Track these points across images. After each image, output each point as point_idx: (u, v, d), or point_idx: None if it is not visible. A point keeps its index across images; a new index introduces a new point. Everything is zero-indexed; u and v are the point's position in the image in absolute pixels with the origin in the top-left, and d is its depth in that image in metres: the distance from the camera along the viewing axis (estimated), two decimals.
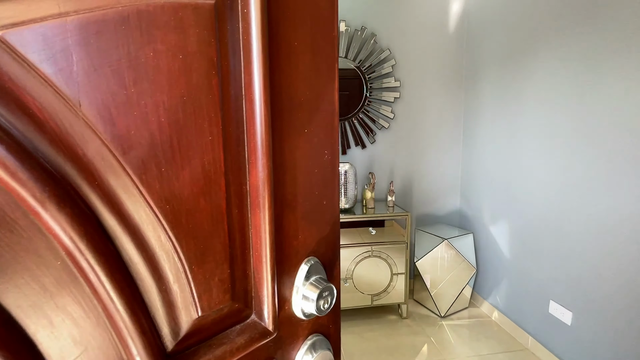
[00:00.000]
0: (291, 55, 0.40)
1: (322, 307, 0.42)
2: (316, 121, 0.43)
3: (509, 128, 2.06)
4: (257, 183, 0.38)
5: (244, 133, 0.37)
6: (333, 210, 0.46)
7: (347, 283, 2.13)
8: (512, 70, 2.01)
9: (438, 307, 2.27)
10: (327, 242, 0.46)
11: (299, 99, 0.41)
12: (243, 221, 0.38)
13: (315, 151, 0.43)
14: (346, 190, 2.18)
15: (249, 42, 0.35)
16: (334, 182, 0.45)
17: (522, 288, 2.00)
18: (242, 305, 0.39)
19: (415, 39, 2.42)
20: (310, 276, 0.43)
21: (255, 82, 0.36)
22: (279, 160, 0.40)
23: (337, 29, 0.44)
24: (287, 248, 0.42)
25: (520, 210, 1.99)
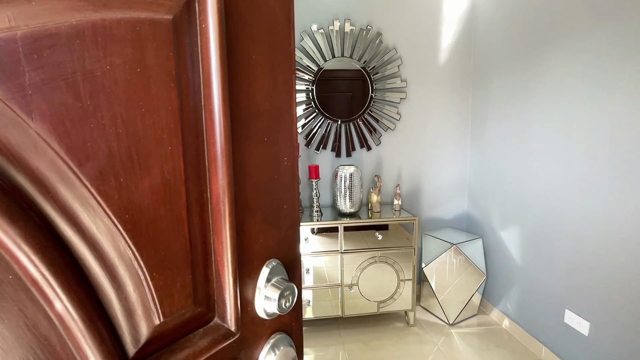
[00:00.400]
0: (250, 68, 0.41)
1: (284, 305, 0.45)
2: (275, 130, 0.45)
3: (519, 129, 1.99)
4: (218, 190, 0.39)
5: (204, 142, 0.38)
6: (293, 214, 0.48)
7: (352, 289, 2.08)
8: (523, 70, 1.94)
9: (446, 314, 2.21)
10: (288, 244, 0.48)
11: (258, 110, 0.43)
12: (204, 227, 0.39)
13: (274, 158, 0.45)
14: (351, 194, 2.12)
15: (207, 55, 0.37)
16: (293, 187, 0.48)
17: (535, 295, 1.92)
18: (204, 308, 0.40)
19: (422, 38, 2.36)
20: (272, 277, 0.45)
21: (215, 94, 0.38)
22: (239, 168, 0.41)
23: (294, 43, 0.46)
24: (248, 252, 0.43)
25: (532, 215, 1.92)
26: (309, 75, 2.24)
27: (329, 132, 2.34)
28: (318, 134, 2.33)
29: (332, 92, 2.30)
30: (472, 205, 2.52)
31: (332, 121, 2.32)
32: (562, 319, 1.74)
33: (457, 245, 2.11)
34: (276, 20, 0.44)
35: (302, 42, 2.20)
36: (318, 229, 2.04)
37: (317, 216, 2.11)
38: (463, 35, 2.39)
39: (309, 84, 2.25)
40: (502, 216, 2.17)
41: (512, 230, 2.09)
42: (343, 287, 2.07)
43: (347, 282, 2.07)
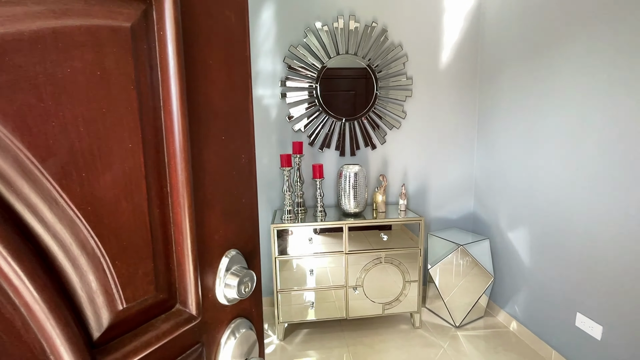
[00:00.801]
0: (207, 73, 0.45)
1: (243, 291, 0.49)
2: (233, 129, 0.49)
3: (529, 127, 1.95)
4: (178, 185, 0.42)
5: (164, 140, 0.41)
6: (252, 207, 0.53)
7: (357, 291, 2.08)
8: (533, 66, 1.90)
9: (452, 316, 2.20)
10: (246, 235, 0.52)
11: (215, 111, 0.47)
12: (165, 220, 0.42)
13: (232, 156, 0.49)
14: (356, 194, 2.09)
15: (165, 60, 0.40)
16: (251, 182, 0.52)
17: (544, 298, 1.89)
18: (166, 295, 0.43)
19: (428, 35, 2.33)
20: (231, 266, 0.49)
21: (173, 96, 0.41)
22: (198, 164, 0.45)
23: (249, 50, 0.51)
24: (208, 242, 0.47)
25: (541, 215, 1.88)
26: (312, 73, 2.24)
27: (332, 130, 2.34)
28: (322, 132, 2.33)
29: (336, 90, 2.30)
30: (479, 205, 2.50)
31: (336, 120, 2.32)
32: (573, 322, 1.71)
33: (464, 246, 2.10)
34: (232, 29, 0.48)
35: (306, 39, 2.19)
36: (321, 229, 2.03)
37: (321, 216, 2.11)
38: (470, 31, 2.38)
39: (313, 82, 2.25)
40: (510, 217, 2.15)
41: (520, 231, 2.06)
42: (347, 289, 2.07)
43: (352, 283, 2.07)
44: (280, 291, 2.02)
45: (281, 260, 1.99)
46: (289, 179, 2.08)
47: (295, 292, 2.04)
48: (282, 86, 2.24)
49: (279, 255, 1.98)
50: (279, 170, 2.33)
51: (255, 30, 2.17)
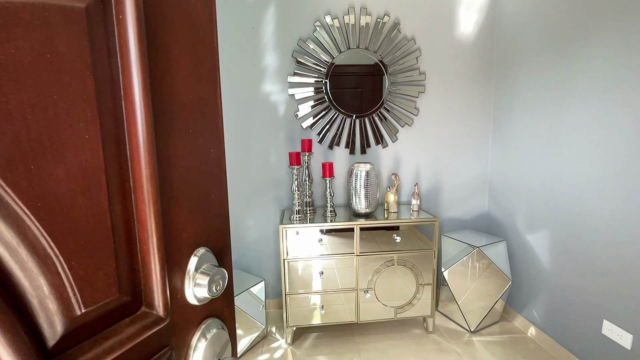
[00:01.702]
0: (172, 62, 0.42)
1: (214, 289, 0.46)
2: (200, 123, 0.46)
3: (550, 124, 1.87)
4: (141, 180, 0.40)
5: (125, 132, 0.39)
6: (222, 203, 0.50)
7: (368, 294, 2.02)
8: (554, 59, 1.82)
9: (467, 320, 2.13)
10: (217, 232, 0.49)
11: (182, 102, 0.44)
12: (128, 217, 0.40)
13: (200, 150, 0.46)
14: (367, 193, 2.03)
15: (126, 47, 0.38)
16: (221, 177, 0.49)
17: (566, 303, 1.81)
18: (130, 297, 0.41)
19: (442, 28, 2.25)
20: (201, 265, 0.46)
21: (135, 85, 0.38)
22: (163, 158, 0.42)
23: (217, 41, 0.48)
24: (176, 240, 0.44)
25: (563, 217, 1.80)
26: (322, 69, 2.20)
27: (342, 128, 2.30)
28: (331, 130, 2.29)
29: (347, 85, 2.25)
30: (494, 206, 2.42)
31: (346, 116, 2.28)
32: (599, 330, 1.62)
33: (480, 248, 2.03)
34: (197, 18, 0.45)
35: (316, 33, 2.16)
36: (331, 230, 1.98)
37: (331, 216, 2.06)
38: (485, 23, 2.30)
39: (322, 77, 2.21)
40: (528, 217, 2.07)
41: (539, 232, 1.98)
42: (358, 292, 2.02)
43: (363, 286, 2.02)
44: (289, 294, 1.98)
45: (290, 262, 1.95)
46: (298, 177, 2.05)
47: (305, 295, 2.00)
48: (290, 82, 2.21)
49: (288, 257, 1.95)
50: (287, 169, 2.30)
51: (263, 25, 2.15)
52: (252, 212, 2.30)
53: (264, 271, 2.37)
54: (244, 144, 2.23)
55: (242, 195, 2.27)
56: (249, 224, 2.31)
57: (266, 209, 2.31)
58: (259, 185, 2.28)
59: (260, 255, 2.35)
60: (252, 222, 2.31)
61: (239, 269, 2.32)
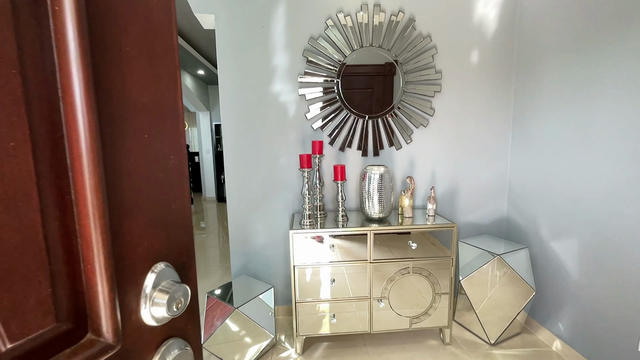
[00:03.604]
0: (122, 61, 0.38)
1: (174, 308, 0.42)
2: (158, 127, 0.41)
3: (578, 125, 1.76)
4: (85, 191, 0.35)
5: (64, 139, 0.34)
6: (184, 214, 0.45)
7: (382, 303, 1.94)
8: (582, 55, 1.72)
9: (487, 332, 2.02)
10: (179, 245, 0.45)
11: (136, 105, 0.39)
12: (68, 233, 0.35)
13: (158, 156, 0.42)
14: (381, 197, 1.95)
15: (64, 42, 0.33)
16: (182, 186, 0.44)
17: (596, 317, 1.70)
18: (72, 324, 0.36)
19: (459, 24, 2.17)
20: (160, 282, 0.42)
21: (75, 85, 0.34)
22: (114, 166, 0.38)
23: (176, 39, 0.43)
24: (130, 256, 0.40)
25: (592, 223, 1.69)
26: (333, 68, 2.15)
27: (354, 129, 2.24)
28: (343, 131, 2.24)
29: (357, 86, 2.19)
30: (514, 210, 2.31)
31: (358, 117, 2.22)
32: (634, 347, 1.51)
33: (501, 256, 1.93)
34: (153, 14, 0.41)
35: (327, 30, 2.11)
36: (341, 235, 1.91)
37: (343, 221, 1.99)
38: (506, 19, 2.20)
39: (334, 77, 2.16)
40: (553, 223, 1.95)
41: (565, 240, 1.87)
42: (372, 301, 1.95)
43: (376, 295, 1.94)
44: (298, 302, 1.92)
45: (300, 269, 1.90)
46: (309, 180, 2.00)
47: (315, 303, 1.94)
48: (300, 81, 2.17)
49: (298, 264, 1.90)
50: (297, 172, 2.26)
51: (273, 23, 2.11)
52: (260, 216, 2.27)
53: (272, 277, 2.33)
54: (252, 145, 2.20)
55: (250, 198, 2.24)
56: (257, 228, 2.28)
57: (275, 212, 2.27)
58: (268, 188, 2.25)
59: (269, 261, 2.32)
60: (260, 226, 2.28)
61: (247, 275, 2.29)
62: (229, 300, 1.84)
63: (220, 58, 2.10)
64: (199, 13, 2.04)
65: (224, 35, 2.08)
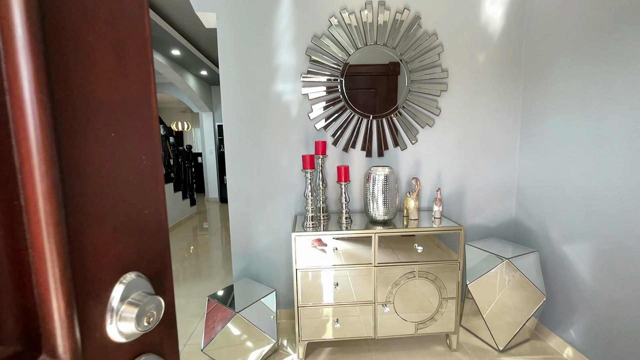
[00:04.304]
0: (84, 52, 0.34)
1: (145, 322, 0.38)
2: (127, 125, 0.37)
3: (592, 124, 1.69)
4: (36, 197, 0.31)
5: (11, 137, 0.31)
6: (158, 219, 0.41)
7: (387, 308, 1.90)
8: (595, 52, 1.65)
9: (495, 338, 1.96)
10: (152, 253, 0.41)
11: (100, 100, 0.36)
12: (16, 244, 0.32)
13: (128, 157, 0.38)
14: (386, 199, 1.90)
15: (9, 29, 0.30)
16: (156, 189, 0.40)
17: (611, 324, 1.63)
18: (22, 347, 0.32)
19: (466, 21, 2.12)
20: (129, 293, 0.38)
21: (23, 77, 0.30)
22: (73, 168, 0.34)
23: (149, 30, 0.39)
24: (93, 267, 0.36)
25: (609, 228, 1.62)
26: (337, 66, 2.11)
27: (358, 129, 2.19)
28: (347, 131, 2.19)
29: (360, 86, 2.14)
30: (522, 212, 2.25)
31: (362, 117, 2.17)
32: None
33: (510, 260, 1.88)
34: (121, 2, 0.37)
35: (331, 29, 2.07)
36: (343, 238, 1.85)
37: (346, 223, 1.95)
38: (514, 15, 2.14)
39: (338, 76, 2.11)
40: (564, 226, 1.89)
41: (577, 243, 1.81)
42: (376, 305, 1.90)
43: (381, 299, 1.89)
44: (301, 306, 1.88)
45: (302, 272, 1.85)
46: (312, 182, 1.96)
47: (318, 307, 1.89)
48: (303, 81, 2.13)
49: (300, 267, 1.85)
50: (299, 173, 2.22)
51: (276, 21, 2.08)
52: (262, 218, 2.23)
53: (274, 279, 2.30)
54: (254, 145, 2.17)
55: (252, 199, 2.21)
56: (259, 230, 2.24)
57: (278, 214, 2.23)
58: (270, 190, 2.21)
59: (271, 263, 2.28)
60: (262, 228, 2.24)
61: (249, 278, 2.26)
62: (230, 304, 1.81)
63: (222, 57, 2.08)
64: (200, 11, 2.01)
65: (225, 34, 2.05)
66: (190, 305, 2.62)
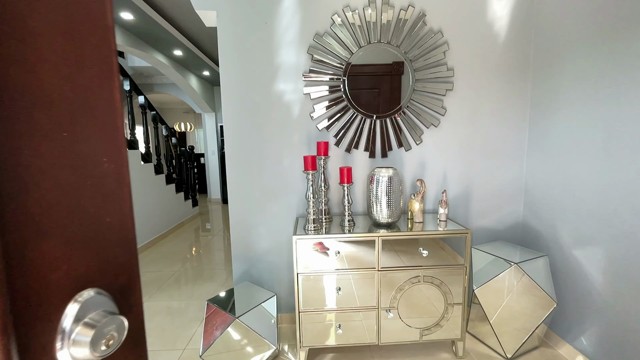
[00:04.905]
0: (26, 39, 0.30)
1: (103, 346, 0.34)
2: (84, 123, 0.33)
3: (605, 124, 1.63)
4: None
5: None
6: (123, 228, 0.37)
7: (390, 314, 1.85)
8: (610, 49, 1.58)
9: (503, 345, 1.90)
10: (116, 266, 0.36)
11: (49, 96, 0.31)
12: None
13: (84, 160, 0.33)
14: (390, 201, 1.85)
15: None
16: (121, 194, 0.36)
17: (627, 333, 1.57)
18: None
19: (472, 19, 2.07)
20: (86, 313, 0.34)
21: None
22: (11, 174, 0.30)
23: (111, 18, 0.35)
24: (39, 286, 0.32)
25: (621, 233, 1.57)
26: (340, 65, 2.06)
27: (361, 129, 2.14)
28: (349, 131, 2.14)
29: (363, 85, 2.09)
30: (530, 215, 2.18)
31: (365, 117, 2.12)
32: None
33: (519, 265, 1.82)
34: None
35: (333, 27, 2.02)
36: (346, 241, 1.80)
37: (349, 226, 1.89)
38: (522, 10, 2.08)
39: (340, 75, 2.07)
40: (574, 230, 1.83)
41: (589, 248, 1.74)
42: (380, 311, 1.85)
43: (385, 304, 1.84)
44: (302, 312, 1.83)
45: (304, 277, 1.80)
46: (314, 183, 1.91)
47: (320, 312, 1.84)
48: (305, 80, 2.08)
49: (302, 271, 1.80)
50: (301, 174, 2.17)
51: (277, 19, 2.04)
52: (263, 220, 2.19)
53: (276, 283, 2.25)
54: (255, 146, 2.13)
55: (253, 201, 2.17)
56: (260, 232, 2.20)
57: (279, 216, 2.19)
58: (271, 191, 2.17)
59: (272, 266, 2.24)
60: (263, 230, 2.20)
61: (250, 281, 2.22)
62: (230, 309, 1.77)
63: (222, 56, 2.04)
64: (200, 9, 1.98)
65: (225, 32, 2.02)
66: (191, 308, 2.59)
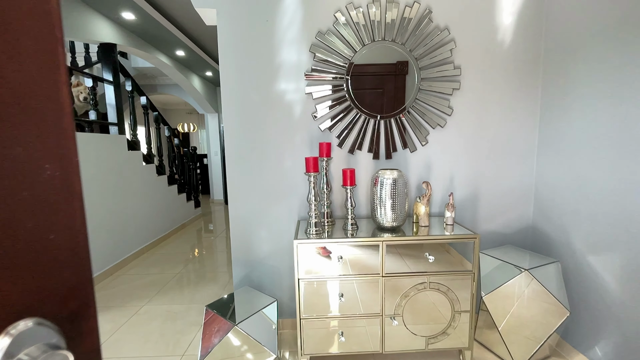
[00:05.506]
0: None
1: None
2: (18, 124, 0.28)
3: (622, 125, 1.55)
4: None
5: None
6: (73, 245, 0.31)
7: (395, 321, 1.79)
8: (626, 45, 1.52)
9: (512, 354, 1.84)
10: (63, 290, 0.31)
11: None
12: None
13: (23, 167, 0.28)
14: (394, 204, 1.80)
15: None
16: (70, 206, 0.31)
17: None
18: None
19: (480, 15, 2.01)
20: (20, 348, 0.28)
21: None
22: None
23: (58, 1, 0.30)
24: None
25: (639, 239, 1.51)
26: (343, 64, 2.00)
27: (365, 130, 2.08)
28: (352, 132, 2.09)
29: (366, 85, 2.03)
30: (541, 218, 2.11)
31: (369, 117, 2.06)
32: None
33: (529, 271, 1.75)
34: None
35: (337, 24, 1.97)
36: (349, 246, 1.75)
37: (352, 230, 1.84)
38: (532, 6, 2.01)
39: (344, 74, 2.01)
40: (589, 234, 1.76)
41: (604, 254, 1.67)
42: (384, 318, 1.79)
43: (389, 312, 1.78)
44: (304, 318, 1.77)
45: (305, 282, 1.75)
46: (316, 186, 1.85)
47: (322, 319, 1.78)
48: (307, 79, 2.03)
49: (303, 277, 1.75)
50: (302, 176, 2.12)
51: (278, 17, 1.99)
52: (264, 223, 2.14)
53: (277, 287, 2.20)
54: (256, 146, 2.08)
55: (253, 203, 2.12)
56: (261, 236, 2.15)
57: (280, 219, 2.14)
58: (272, 193, 2.12)
59: (273, 270, 2.18)
60: (264, 233, 2.15)
61: (250, 286, 2.17)
62: (230, 316, 1.72)
63: (222, 55, 2.00)
64: (200, 7, 1.94)
65: (225, 31, 1.97)
66: (192, 312, 2.54)
